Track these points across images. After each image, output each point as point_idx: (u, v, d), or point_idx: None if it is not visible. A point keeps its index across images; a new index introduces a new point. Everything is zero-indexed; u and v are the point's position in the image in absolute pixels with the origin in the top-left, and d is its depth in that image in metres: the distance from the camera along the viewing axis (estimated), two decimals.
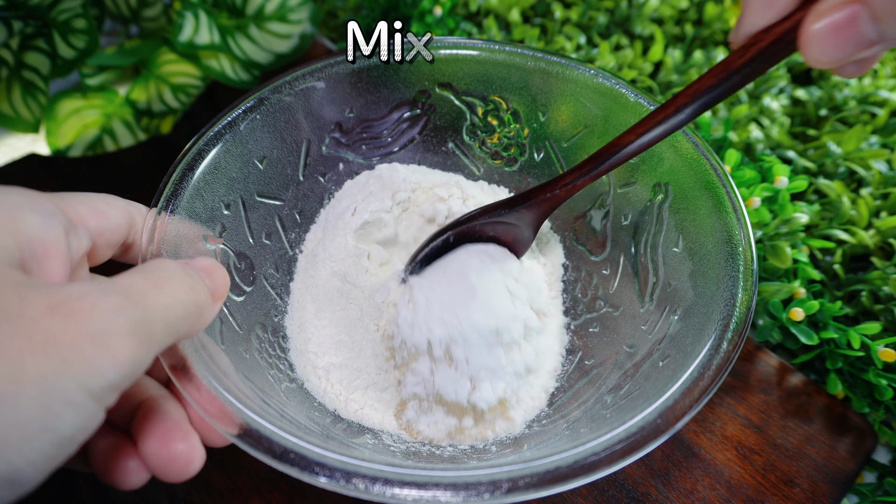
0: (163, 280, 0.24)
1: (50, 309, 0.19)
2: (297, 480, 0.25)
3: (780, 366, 0.44)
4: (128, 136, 0.58)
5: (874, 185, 0.52)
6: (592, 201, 0.43)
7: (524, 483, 0.24)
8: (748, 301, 0.30)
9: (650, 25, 0.67)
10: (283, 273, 0.41)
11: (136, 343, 0.21)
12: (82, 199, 0.27)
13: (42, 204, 0.24)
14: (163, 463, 0.26)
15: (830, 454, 0.40)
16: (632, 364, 0.35)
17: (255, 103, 0.39)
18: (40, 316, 0.19)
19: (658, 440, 0.25)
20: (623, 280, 0.40)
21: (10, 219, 0.22)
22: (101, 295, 0.21)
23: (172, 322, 0.23)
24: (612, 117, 0.40)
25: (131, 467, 0.26)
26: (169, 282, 0.24)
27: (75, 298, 0.20)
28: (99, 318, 0.20)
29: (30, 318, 0.19)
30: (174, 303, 0.24)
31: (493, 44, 0.42)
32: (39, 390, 0.18)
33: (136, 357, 0.21)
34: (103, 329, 0.20)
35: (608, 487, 0.38)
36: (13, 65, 0.54)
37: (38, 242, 0.23)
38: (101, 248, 0.28)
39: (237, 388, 0.28)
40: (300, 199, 0.43)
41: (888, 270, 0.46)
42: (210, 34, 0.56)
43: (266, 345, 0.37)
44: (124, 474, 0.26)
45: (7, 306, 0.19)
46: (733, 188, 0.34)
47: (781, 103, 0.60)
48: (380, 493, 0.24)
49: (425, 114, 0.45)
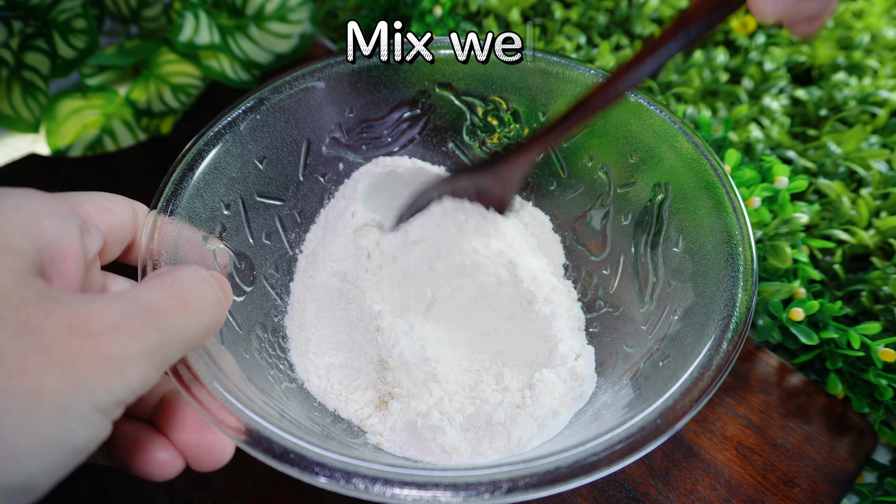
0: (189, 297, 0.24)
1: (70, 328, 0.20)
2: (297, 480, 0.25)
3: (780, 366, 0.44)
4: (128, 136, 0.58)
5: (874, 185, 0.52)
6: (592, 201, 0.43)
7: (524, 483, 0.24)
8: (748, 301, 0.30)
9: (650, 25, 0.67)
10: (283, 273, 0.41)
11: (148, 368, 0.21)
12: (88, 198, 0.27)
13: (58, 207, 0.24)
14: (201, 453, 0.27)
15: (830, 454, 0.40)
16: (632, 364, 0.35)
17: (255, 103, 0.39)
18: (60, 334, 0.20)
19: (658, 440, 0.25)
20: (623, 280, 0.40)
21: (29, 224, 0.22)
22: (122, 317, 0.21)
23: (189, 342, 0.24)
24: (612, 117, 0.40)
25: (164, 459, 0.26)
26: (195, 300, 0.24)
27: (95, 319, 0.21)
28: (115, 344, 0.21)
29: (51, 336, 0.20)
30: (195, 323, 0.24)
31: None
32: (57, 407, 0.19)
33: (145, 379, 0.21)
34: (119, 354, 0.21)
35: (608, 487, 0.38)
36: (13, 65, 0.54)
37: (56, 247, 0.23)
38: (110, 246, 0.29)
39: (237, 388, 0.28)
40: (300, 199, 0.43)
41: (888, 270, 0.46)
42: (210, 34, 0.56)
43: (266, 345, 0.37)
44: (159, 466, 0.26)
45: (30, 321, 0.20)
46: (733, 188, 0.34)
47: (781, 103, 0.60)
48: (380, 493, 0.24)
49: (425, 114, 0.45)
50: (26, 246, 0.22)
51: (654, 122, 0.38)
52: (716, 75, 0.61)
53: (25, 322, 0.20)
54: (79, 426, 0.20)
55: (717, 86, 0.61)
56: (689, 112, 0.57)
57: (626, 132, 0.40)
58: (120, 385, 0.20)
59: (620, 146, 0.40)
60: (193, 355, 0.27)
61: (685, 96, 0.60)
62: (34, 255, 0.22)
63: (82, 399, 0.20)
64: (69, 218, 0.24)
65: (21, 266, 0.21)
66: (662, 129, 0.38)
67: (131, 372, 0.21)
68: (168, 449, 0.27)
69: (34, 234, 0.22)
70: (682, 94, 0.61)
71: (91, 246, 0.25)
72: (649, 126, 0.38)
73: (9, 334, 0.19)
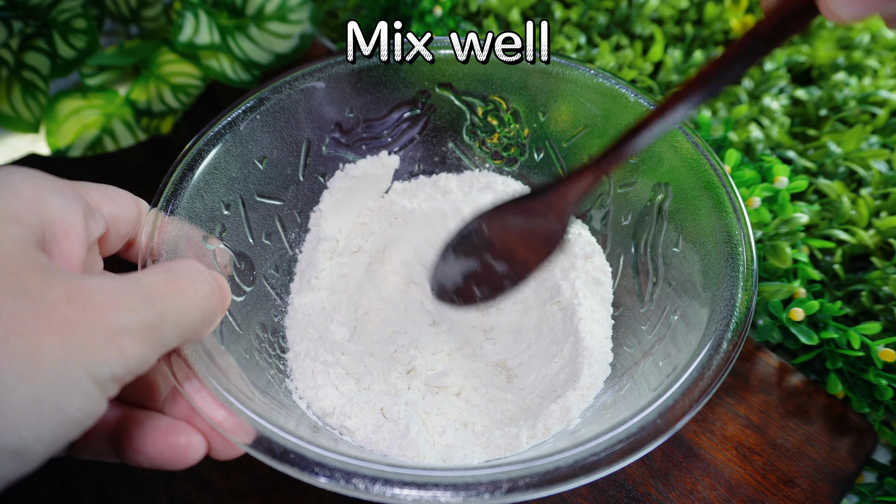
0: (184, 283, 0.24)
1: (69, 297, 0.20)
2: (297, 480, 0.25)
3: (780, 366, 0.44)
4: (128, 136, 0.58)
5: (874, 185, 0.52)
6: (592, 201, 0.43)
7: (524, 483, 0.24)
8: (748, 301, 0.30)
9: (650, 25, 0.66)
10: (283, 273, 0.41)
11: (144, 344, 0.21)
12: (95, 187, 0.28)
13: (64, 188, 0.24)
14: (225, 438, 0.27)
15: (830, 454, 0.40)
16: (632, 364, 0.35)
17: (255, 103, 0.39)
18: (59, 301, 0.20)
19: (658, 440, 0.25)
20: (623, 280, 0.40)
21: (35, 198, 0.23)
22: (120, 292, 0.21)
23: (185, 326, 0.24)
24: (612, 117, 0.40)
25: (186, 443, 0.27)
26: (190, 286, 0.25)
27: (94, 291, 0.21)
28: (113, 315, 0.21)
29: (49, 302, 0.20)
30: (191, 308, 0.24)
31: None
32: (53, 371, 0.19)
33: (142, 356, 0.21)
34: (116, 325, 0.21)
35: (608, 487, 0.38)
36: (13, 65, 0.54)
37: (59, 224, 0.23)
38: (112, 237, 0.29)
39: (237, 387, 0.28)
40: (300, 199, 0.43)
41: (888, 270, 0.46)
42: (210, 34, 0.56)
43: (266, 345, 0.37)
44: (183, 450, 0.26)
45: (30, 286, 0.20)
46: (733, 188, 0.34)
47: (781, 103, 0.60)
48: (380, 493, 0.24)
49: (425, 114, 0.45)
50: (30, 219, 0.22)
51: None
52: None
53: (25, 287, 0.20)
54: (75, 395, 0.19)
55: None
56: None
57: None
58: (117, 358, 0.20)
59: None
60: (192, 354, 0.27)
61: None
62: (37, 228, 0.22)
63: (79, 366, 0.19)
64: (74, 199, 0.24)
65: (24, 237, 0.21)
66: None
67: (128, 346, 0.21)
68: (190, 433, 0.27)
69: (39, 209, 0.23)
70: None
71: (94, 229, 0.26)
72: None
73: (8, 296, 0.19)
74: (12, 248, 0.20)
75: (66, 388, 0.19)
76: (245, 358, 0.34)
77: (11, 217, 0.21)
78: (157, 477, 0.39)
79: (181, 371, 0.27)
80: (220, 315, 0.27)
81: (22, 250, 0.21)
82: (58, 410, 0.19)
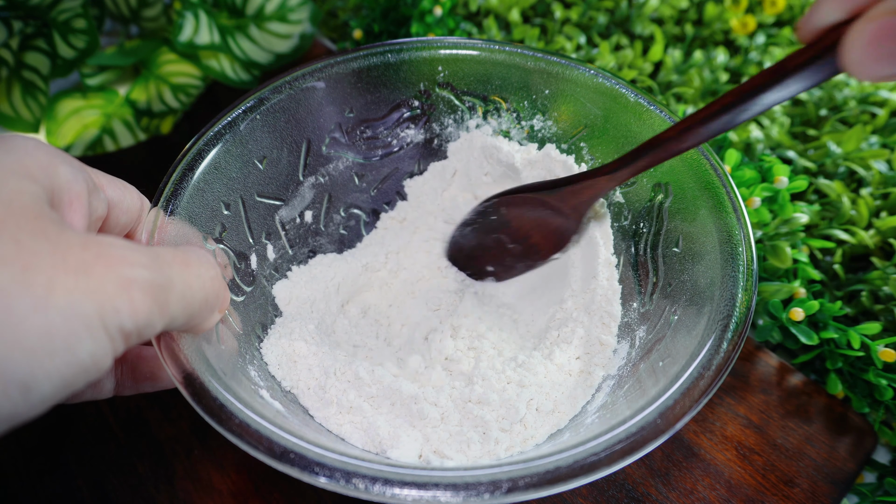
0: (191, 260, 0.25)
1: (84, 245, 0.21)
2: (297, 480, 0.25)
3: (780, 366, 0.44)
4: (128, 136, 0.58)
5: (874, 185, 0.52)
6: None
7: (524, 483, 0.24)
8: (748, 301, 0.30)
9: (650, 25, 0.66)
10: (282, 273, 0.41)
11: (152, 303, 0.22)
12: (101, 173, 0.29)
13: (72, 160, 0.25)
14: None
15: (830, 454, 0.40)
16: (632, 364, 0.35)
17: (255, 103, 0.39)
18: (75, 246, 0.21)
19: (658, 440, 0.25)
20: (623, 280, 0.40)
21: (48, 162, 0.23)
22: (131, 249, 0.22)
23: (189, 300, 0.24)
24: (612, 117, 0.40)
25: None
26: (196, 264, 0.25)
27: (107, 245, 0.21)
28: (126, 267, 0.21)
29: (66, 246, 0.20)
30: (196, 283, 0.25)
31: (492, 44, 0.42)
32: (67, 306, 0.19)
33: (149, 315, 0.22)
34: (129, 276, 0.21)
35: (608, 487, 0.38)
36: (13, 65, 0.54)
37: (66, 191, 0.24)
38: (112, 223, 0.29)
39: (237, 387, 0.28)
40: (300, 199, 0.43)
41: (888, 270, 0.46)
42: (210, 34, 0.56)
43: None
44: None
45: (48, 232, 0.20)
46: (733, 188, 0.34)
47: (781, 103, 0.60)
48: (380, 493, 0.24)
49: (425, 114, 0.45)
50: (44, 180, 0.23)
51: (653, 122, 0.38)
52: (716, 75, 0.61)
53: (44, 231, 0.20)
54: (85, 336, 0.20)
55: (717, 86, 0.61)
56: (689, 112, 0.57)
57: (626, 132, 0.40)
58: (127, 308, 0.21)
59: (620, 146, 0.40)
60: (192, 354, 0.27)
61: (685, 96, 0.60)
62: (49, 190, 0.23)
63: (91, 308, 0.20)
64: (81, 171, 0.25)
65: (39, 194, 0.22)
66: (662, 129, 0.38)
67: (137, 299, 0.21)
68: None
69: (52, 172, 0.23)
70: (682, 94, 0.61)
71: (97, 206, 0.26)
72: (649, 126, 0.38)
73: (27, 236, 0.20)
74: (29, 200, 0.21)
75: (77, 327, 0.19)
76: (245, 357, 0.34)
77: (28, 174, 0.22)
78: (158, 477, 0.39)
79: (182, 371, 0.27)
80: (220, 305, 0.27)
81: (37, 204, 0.21)
82: (68, 350, 0.19)
